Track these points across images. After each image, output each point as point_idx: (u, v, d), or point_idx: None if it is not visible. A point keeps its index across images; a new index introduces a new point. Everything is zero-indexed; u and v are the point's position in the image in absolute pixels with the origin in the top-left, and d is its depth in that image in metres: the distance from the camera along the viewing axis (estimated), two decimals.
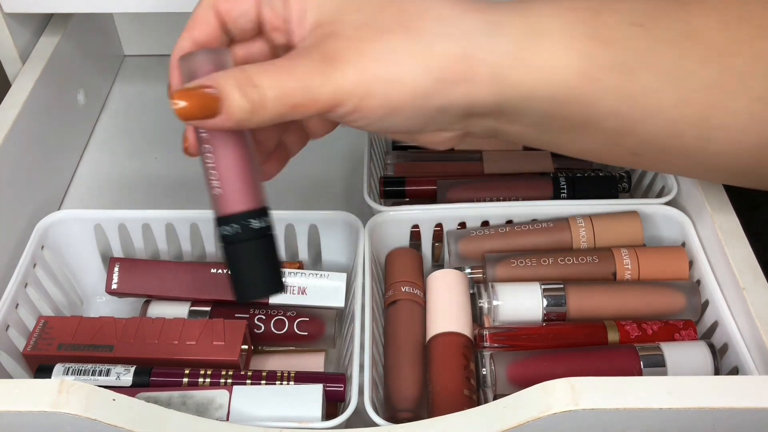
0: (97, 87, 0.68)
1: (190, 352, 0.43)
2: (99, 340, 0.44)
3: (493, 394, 0.43)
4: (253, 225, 0.33)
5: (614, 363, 0.42)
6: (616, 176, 0.53)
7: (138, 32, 0.72)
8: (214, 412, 0.39)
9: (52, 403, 0.34)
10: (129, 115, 0.68)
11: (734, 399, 0.34)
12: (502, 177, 0.54)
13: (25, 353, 0.44)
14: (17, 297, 0.45)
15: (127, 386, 0.42)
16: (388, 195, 0.54)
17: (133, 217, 0.50)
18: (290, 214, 0.49)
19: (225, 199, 0.33)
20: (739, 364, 0.41)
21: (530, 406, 0.34)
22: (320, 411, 0.40)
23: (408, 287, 0.47)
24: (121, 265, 0.48)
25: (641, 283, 0.46)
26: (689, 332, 0.44)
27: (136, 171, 0.62)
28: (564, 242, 0.48)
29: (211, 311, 0.47)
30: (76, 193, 0.60)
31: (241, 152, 0.34)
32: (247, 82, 0.32)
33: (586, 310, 0.45)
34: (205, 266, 0.48)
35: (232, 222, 0.33)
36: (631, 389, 0.34)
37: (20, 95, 0.53)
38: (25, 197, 0.53)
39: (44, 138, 0.56)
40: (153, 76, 0.72)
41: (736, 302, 0.43)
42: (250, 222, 0.33)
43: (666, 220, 0.49)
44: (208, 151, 0.34)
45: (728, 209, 0.46)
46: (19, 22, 0.56)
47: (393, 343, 0.45)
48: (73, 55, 0.62)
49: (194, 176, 0.62)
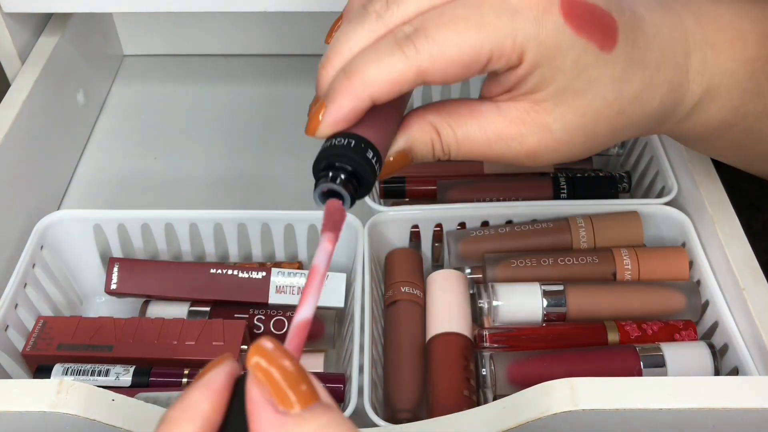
0: (96, 87, 0.67)
1: (189, 352, 0.43)
2: (98, 340, 0.44)
3: (493, 394, 0.43)
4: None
5: (614, 363, 0.42)
6: (616, 176, 0.53)
7: (137, 32, 0.72)
8: None
9: (51, 404, 0.34)
10: (128, 115, 0.68)
11: (734, 399, 0.34)
12: (502, 177, 0.54)
13: (25, 353, 0.44)
14: (16, 297, 0.45)
15: (126, 386, 0.42)
16: (388, 195, 0.54)
17: (133, 217, 0.49)
18: (290, 214, 0.49)
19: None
20: (739, 365, 0.41)
21: (530, 407, 0.34)
22: None
23: (408, 287, 0.47)
24: (121, 265, 0.48)
25: (641, 283, 0.46)
26: (689, 332, 0.44)
27: (136, 171, 0.62)
28: (564, 242, 0.48)
29: (210, 311, 0.47)
30: (75, 193, 0.60)
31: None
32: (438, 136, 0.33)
33: (586, 311, 0.45)
34: (205, 266, 0.48)
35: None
36: (631, 390, 0.34)
37: (19, 95, 0.53)
38: (25, 197, 0.53)
39: (43, 138, 0.56)
40: (153, 76, 0.72)
41: (736, 302, 0.42)
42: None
43: (666, 220, 0.49)
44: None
45: (728, 209, 0.46)
46: (19, 21, 0.56)
47: (393, 344, 0.45)
48: (73, 55, 0.62)
49: (194, 176, 0.63)
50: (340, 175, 0.29)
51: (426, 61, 0.29)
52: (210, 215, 0.49)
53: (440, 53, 0.29)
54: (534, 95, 0.32)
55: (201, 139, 0.64)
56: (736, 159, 0.41)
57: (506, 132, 0.32)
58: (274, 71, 0.71)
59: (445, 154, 0.33)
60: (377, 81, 0.29)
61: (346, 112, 0.29)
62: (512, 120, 0.32)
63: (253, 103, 0.68)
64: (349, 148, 0.29)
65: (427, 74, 0.29)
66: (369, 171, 0.30)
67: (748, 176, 0.44)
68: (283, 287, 0.47)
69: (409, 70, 0.29)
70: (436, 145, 0.33)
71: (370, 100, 0.29)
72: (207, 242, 0.50)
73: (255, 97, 0.69)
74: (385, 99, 0.30)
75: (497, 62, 0.30)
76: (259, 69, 0.72)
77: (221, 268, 0.48)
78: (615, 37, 0.32)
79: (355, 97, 0.29)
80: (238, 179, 0.61)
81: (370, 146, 0.30)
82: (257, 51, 0.73)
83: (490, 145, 0.33)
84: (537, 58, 0.31)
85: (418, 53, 0.29)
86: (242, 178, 0.61)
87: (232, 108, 0.68)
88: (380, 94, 0.29)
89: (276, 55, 0.72)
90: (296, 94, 0.67)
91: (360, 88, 0.29)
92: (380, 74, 0.29)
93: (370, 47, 0.30)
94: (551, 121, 0.32)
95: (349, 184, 0.29)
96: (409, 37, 0.29)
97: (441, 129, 0.32)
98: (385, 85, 0.29)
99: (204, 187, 0.60)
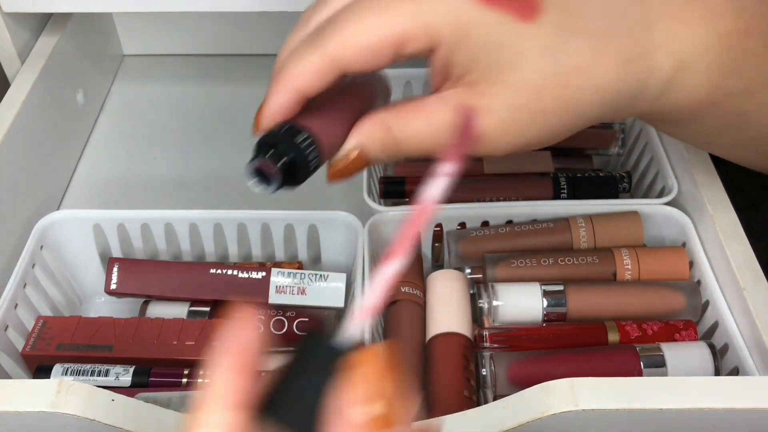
0: (96, 87, 0.67)
1: (189, 352, 0.43)
2: (98, 340, 0.44)
3: (493, 394, 0.43)
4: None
5: (614, 363, 0.42)
6: (616, 176, 0.53)
7: (137, 32, 0.72)
8: None
9: (51, 404, 0.34)
10: (128, 115, 0.68)
11: (734, 399, 0.34)
12: (502, 177, 0.54)
13: (24, 353, 0.44)
14: (16, 297, 0.45)
15: (126, 386, 0.42)
16: (388, 195, 0.54)
17: (132, 217, 0.49)
18: (290, 214, 0.49)
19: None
20: (739, 365, 0.41)
21: (530, 407, 0.34)
22: None
23: (408, 287, 0.47)
24: (120, 265, 0.48)
25: (641, 283, 0.46)
26: (689, 332, 0.44)
27: (135, 171, 0.62)
28: (564, 242, 0.48)
29: (210, 311, 0.47)
30: (75, 193, 0.60)
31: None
32: (386, 133, 0.33)
33: (586, 311, 0.45)
34: (204, 266, 0.48)
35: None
36: (632, 390, 0.34)
37: (19, 95, 0.53)
38: (24, 197, 0.53)
39: (43, 138, 0.56)
40: (152, 76, 0.72)
41: (736, 302, 0.42)
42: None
43: (666, 220, 0.49)
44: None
45: (728, 209, 0.46)
46: (18, 21, 0.56)
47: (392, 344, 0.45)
48: (72, 55, 0.62)
49: (193, 176, 0.63)
50: (267, 153, 0.33)
51: (336, 50, 0.31)
52: (210, 215, 0.49)
53: (348, 41, 0.31)
54: (466, 78, 0.32)
55: (201, 139, 0.64)
56: (721, 145, 0.39)
57: (451, 121, 0.32)
58: None
59: (398, 150, 0.33)
60: (298, 73, 0.32)
61: (278, 105, 0.33)
62: (455, 108, 0.32)
63: (253, 103, 0.67)
64: (278, 133, 0.33)
65: (341, 62, 0.31)
66: (295, 152, 0.32)
67: (749, 176, 0.44)
68: (283, 287, 0.47)
69: (323, 59, 0.31)
70: (386, 142, 0.33)
71: (297, 92, 0.32)
72: (207, 242, 0.50)
73: (255, 97, 0.68)
74: (312, 89, 0.32)
75: (411, 45, 0.31)
76: (259, 69, 0.71)
77: (221, 268, 0.48)
78: (536, 6, 0.31)
79: (283, 90, 0.33)
80: (238, 179, 0.61)
81: (303, 132, 0.33)
82: (257, 51, 0.73)
83: (438, 136, 0.33)
84: (452, 38, 0.31)
85: (327, 43, 0.31)
86: (242, 178, 0.61)
87: (232, 108, 0.68)
88: (304, 84, 0.32)
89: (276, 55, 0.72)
90: None
91: (285, 81, 0.32)
92: (299, 67, 0.32)
93: (295, 47, 0.33)
94: (490, 101, 0.32)
95: (278, 164, 0.32)
96: (322, 30, 0.32)
97: (390, 125, 0.33)
98: (306, 76, 0.32)
99: (204, 187, 0.60)
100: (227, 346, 0.23)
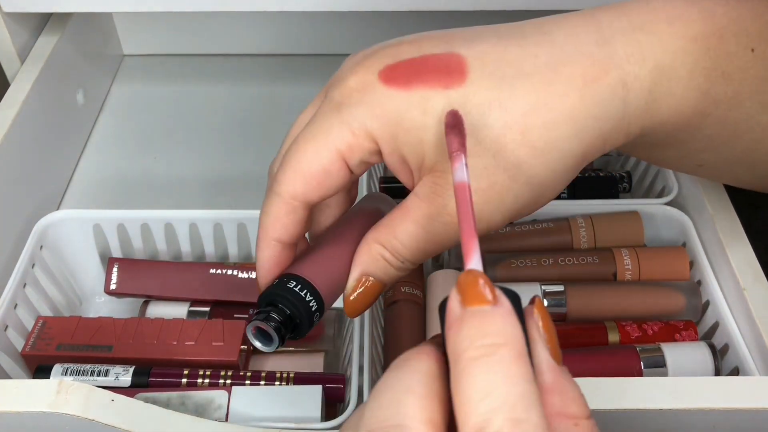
0: (96, 87, 0.67)
1: (189, 352, 0.43)
2: (98, 340, 0.44)
3: None
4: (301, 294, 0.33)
5: (614, 363, 0.42)
6: (616, 176, 0.53)
7: (137, 32, 0.72)
8: (213, 412, 0.39)
9: (50, 404, 0.34)
10: (128, 115, 0.68)
11: (735, 400, 0.34)
12: None
13: (24, 353, 0.44)
14: (16, 297, 0.45)
15: (125, 387, 0.42)
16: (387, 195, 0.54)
17: (132, 217, 0.49)
18: None
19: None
20: (739, 365, 0.41)
21: None
22: (319, 412, 0.39)
23: (408, 287, 0.47)
24: (120, 265, 0.48)
25: (642, 283, 0.46)
26: (690, 333, 0.44)
27: (135, 171, 0.62)
28: (564, 242, 0.48)
29: (210, 311, 0.47)
30: (74, 192, 0.60)
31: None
32: (392, 256, 0.32)
33: (586, 311, 0.45)
34: (204, 266, 0.48)
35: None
36: (632, 390, 0.34)
37: (19, 95, 0.53)
38: (24, 197, 0.53)
39: (43, 138, 0.56)
40: (152, 76, 0.71)
41: (736, 303, 0.42)
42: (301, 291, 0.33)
43: (667, 220, 0.49)
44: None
45: (729, 209, 0.46)
46: (18, 21, 0.56)
47: (393, 344, 0.45)
48: (72, 55, 0.62)
49: (194, 176, 0.62)
50: (263, 313, 0.32)
51: (290, 189, 0.31)
52: (210, 215, 0.49)
53: (296, 175, 0.31)
54: (426, 163, 0.31)
55: (201, 139, 0.64)
56: (712, 164, 0.37)
57: (431, 211, 0.31)
58: (274, 71, 0.71)
59: (404, 261, 0.32)
60: (269, 224, 0.32)
61: (264, 260, 0.33)
62: (427, 197, 0.31)
63: (253, 103, 0.68)
64: (272, 290, 0.32)
65: (300, 197, 0.32)
66: (290, 306, 0.32)
67: None
68: None
69: (282, 202, 0.32)
70: (388, 258, 0.32)
71: (277, 242, 0.32)
72: (207, 242, 0.50)
73: (255, 97, 0.69)
74: (289, 234, 0.32)
75: (357, 155, 0.31)
76: (259, 69, 0.72)
77: (221, 268, 0.48)
78: (460, 67, 0.30)
79: (264, 245, 0.33)
80: (238, 179, 0.61)
81: (297, 282, 0.32)
82: (257, 51, 0.73)
83: (430, 232, 0.31)
84: (387, 132, 0.30)
85: (280, 186, 0.32)
86: (242, 178, 0.61)
87: (232, 108, 0.68)
88: (279, 233, 0.32)
89: (276, 55, 0.72)
90: (296, 93, 0.67)
91: (262, 235, 0.33)
92: (267, 218, 0.32)
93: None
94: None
95: (272, 323, 0.31)
96: (274, 175, 0.32)
97: (385, 242, 0.32)
98: (276, 225, 0.32)
99: (204, 187, 0.60)
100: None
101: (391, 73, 0.30)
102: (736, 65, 0.32)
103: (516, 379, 0.21)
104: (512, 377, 0.21)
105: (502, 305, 0.22)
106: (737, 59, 0.32)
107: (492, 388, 0.21)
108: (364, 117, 0.30)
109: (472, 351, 0.21)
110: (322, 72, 0.69)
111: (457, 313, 0.22)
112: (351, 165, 0.31)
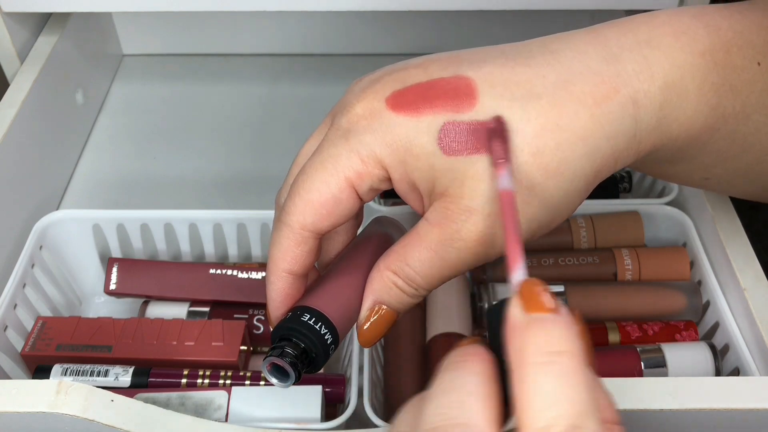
0: (95, 86, 0.67)
1: (188, 352, 0.43)
2: (97, 340, 0.44)
3: None
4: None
5: (615, 364, 0.42)
6: (616, 176, 0.53)
7: (137, 31, 0.72)
8: (213, 413, 0.39)
9: (50, 404, 0.34)
10: (128, 115, 0.68)
11: (735, 400, 0.34)
12: None
13: (24, 354, 0.44)
14: (15, 297, 0.45)
15: (125, 387, 0.42)
16: (387, 195, 0.54)
17: (132, 217, 0.49)
18: None
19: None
20: (740, 365, 0.41)
21: None
22: (319, 412, 0.39)
23: None
24: (120, 265, 0.48)
25: (642, 283, 0.46)
26: (690, 333, 0.44)
27: (135, 171, 0.62)
28: (564, 242, 0.48)
29: (209, 312, 0.47)
30: (74, 193, 0.60)
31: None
32: (405, 283, 0.32)
33: (586, 311, 0.45)
34: (204, 266, 0.48)
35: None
36: (632, 390, 0.34)
37: (18, 95, 0.53)
38: (24, 197, 0.53)
39: (42, 138, 0.56)
40: (152, 76, 0.71)
41: (737, 303, 0.42)
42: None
43: (667, 220, 0.49)
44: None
45: (729, 209, 0.46)
46: (18, 21, 0.56)
47: (392, 344, 0.45)
48: (72, 55, 0.62)
49: (194, 176, 0.62)
50: (277, 348, 0.31)
51: (299, 219, 0.31)
52: (210, 215, 0.49)
53: (306, 204, 0.31)
54: (436, 189, 0.30)
55: (201, 139, 0.64)
56: (719, 178, 0.37)
57: (443, 236, 0.30)
58: (274, 71, 0.71)
59: (417, 288, 0.32)
60: (279, 256, 0.32)
61: (275, 293, 0.32)
62: (439, 223, 0.30)
63: (253, 103, 0.68)
64: (285, 324, 0.32)
65: (310, 227, 0.31)
66: (304, 340, 0.31)
67: None
68: None
69: (292, 233, 0.31)
70: (401, 286, 0.31)
71: (288, 274, 0.32)
72: (206, 242, 0.50)
73: (255, 97, 0.69)
74: (299, 266, 0.32)
75: (366, 182, 0.31)
76: (259, 69, 0.72)
77: (221, 269, 0.48)
78: (470, 91, 0.30)
79: (274, 278, 0.32)
80: (238, 179, 0.61)
81: (310, 314, 0.32)
82: (257, 51, 0.73)
83: (443, 257, 0.31)
84: (396, 159, 0.30)
85: (289, 216, 0.31)
86: (242, 178, 0.61)
87: (232, 108, 0.68)
88: (289, 265, 0.32)
89: (276, 55, 0.72)
90: (296, 93, 0.67)
91: (272, 268, 0.32)
92: (277, 249, 0.32)
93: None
94: (468, 200, 0.30)
95: (287, 358, 0.31)
96: (282, 205, 0.32)
97: (397, 269, 0.31)
98: (286, 256, 0.32)
99: (204, 187, 0.60)
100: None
101: (399, 99, 0.30)
102: (743, 79, 0.33)
103: (580, 387, 0.22)
104: (576, 385, 0.22)
105: (562, 314, 0.23)
106: (744, 73, 0.33)
107: (557, 395, 0.21)
108: (372, 144, 0.30)
109: (539, 357, 0.22)
110: (323, 72, 0.69)
111: (520, 320, 0.23)
112: (360, 192, 0.31)
